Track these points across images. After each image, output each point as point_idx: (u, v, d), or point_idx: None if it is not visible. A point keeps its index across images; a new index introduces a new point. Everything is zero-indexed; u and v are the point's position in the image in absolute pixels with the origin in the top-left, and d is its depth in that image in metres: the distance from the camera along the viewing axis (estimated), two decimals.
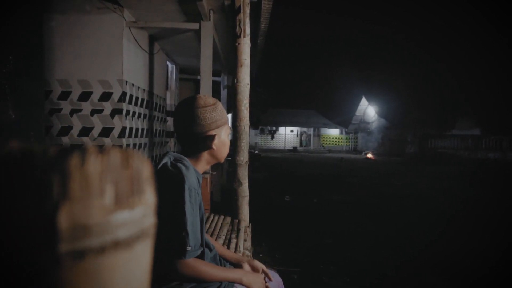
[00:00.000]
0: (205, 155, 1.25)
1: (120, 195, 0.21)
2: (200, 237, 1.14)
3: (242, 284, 1.23)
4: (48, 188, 0.19)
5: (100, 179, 0.20)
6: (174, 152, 1.26)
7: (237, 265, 1.41)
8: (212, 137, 1.22)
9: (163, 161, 1.17)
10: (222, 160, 1.33)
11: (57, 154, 0.19)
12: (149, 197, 0.24)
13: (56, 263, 0.19)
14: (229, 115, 8.42)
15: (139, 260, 0.23)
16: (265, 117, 30.63)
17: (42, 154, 0.19)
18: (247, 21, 3.04)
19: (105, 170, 0.20)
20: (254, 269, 1.37)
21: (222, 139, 1.26)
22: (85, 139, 4.54)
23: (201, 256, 1.17)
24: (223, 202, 5.10)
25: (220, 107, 1.26)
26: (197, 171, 1.23)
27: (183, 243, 1.06)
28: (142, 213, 0.23)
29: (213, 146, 1.23)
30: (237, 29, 2.97)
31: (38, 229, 0.18)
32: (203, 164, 1.27)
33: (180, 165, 1.13)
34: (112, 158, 0.21)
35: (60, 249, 0.19)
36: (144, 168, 0.23)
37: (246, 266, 1.38)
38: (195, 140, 1.22)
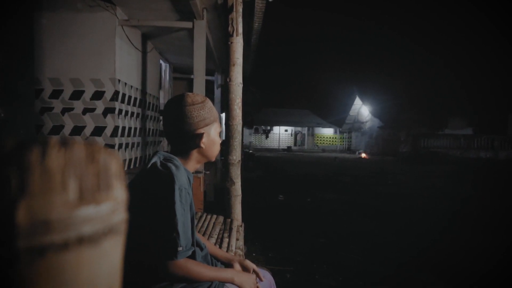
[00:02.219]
0: (195, 154, 1.24)
1: (84, 190, 0.21)
2: (191, 237, 1.14)
3: (234, 284, 1.22)
4: (6, 182, 0.18)
5: (62, 172, 0.20)
6: (164, 151, 1.25)
7: (228, 264, 1.40)
8: (201, 136, 1.20)
9: (153, 161, 1.16)
10: (213, 159, 1.31)
11: (16, 147, 0.18)
12: (118, 193, 0.23)
13: (15, 259, 0.18)
14: (223, 114, 8.41)
15: (107, 257, 0.22)
16: (259, 116, 30.63)
17: None
18: (240, 20, 3.03)
19: (68, 163, 0.20)
20: (245, 269, 1.36)
21: (212, 137, 1.24)
22: (77, 138, 4.50)
23: (192, 256, 1.17)
24: (216, 201, 5.09)
25: (209, 105, 1.25)
26: (187, 170, 1.22)
27: (174, 243, 1.05)
28: (110, 209, 0.22)
29: (202, 145, 1.21)
30: (230, 28, 2.96)
31: None
32: (193, 163, 1.26)
33: (170, 164, 1.12)
34: (76, 151, 0.20)
35: (19, 245, 0.18)
36: (113, 163, 0.23)
37: (237, 266, 1.37)
38: (184, 138, 1.21)
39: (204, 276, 1.15)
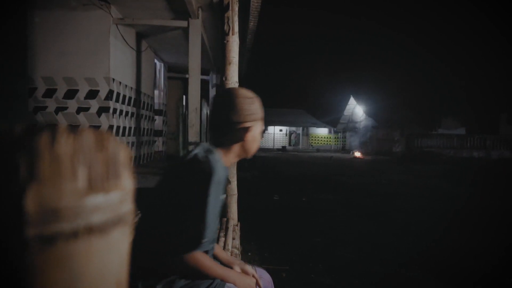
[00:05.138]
0: (236, 148, 1.24)
1: (93, 178, 0.20)
2: (215, 231, 1.14)
3: (236, 286, 1.23)
4: (15, 169, 0.17)
5: (72, 160, 0.19)
6: (205, 143, 1.26)
7: (228, 266, 1.40)
8: (247, 129, 1.21)
9: (195, 152, 1.17)
10: (250, 156, 1.31)
11: (25, 133, 0.18)
12: (126, 182, 0.23)
13: (24, 248, 0.18)
14: None
15: (116, 247, 0.22)
16: None
17: (8, 133, 0.17)
18: (236, 18, 3.02)
19: (78, 151, 0.19)
20: (245, 274, 1.36)
21: (255, 134, 1.25)
22: None
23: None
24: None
25: (259, 102, 1.26)
26: (225, 165, 1.23)
27: (200, 234, 1.06)
28: (119, 198, 0.22)
29: (246, 139, 1.22)
30: (226, 27, 2.96)
31: (4, 211, 0.17)
32: (233, 156, 1.26)
33: (211, 157, 1.14)
34: (85, 139, 0.20)
35: (28, 233, 0.18)
36: (121, 152, 0.22)
37: (238, 269, 1.37)
38: (230, 129, 1.21)
39: (212, 272, 1.15)
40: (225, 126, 1.21)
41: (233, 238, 2.57)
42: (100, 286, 0.21)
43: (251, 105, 1.22)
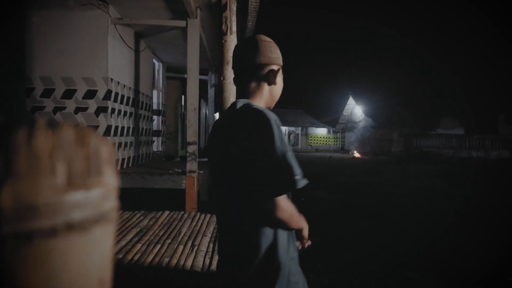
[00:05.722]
0: (265, 92, 1.22)
1: (73, 174, 0.20)
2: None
3: (301, 233, 1.26)
4: None
5: (50, 155, 0.19)
6: (238, 100, 1.23)
7: None
8: (275, 72, 1.20)
9: (238, 106, 1.13)
10: (273, 104, 1.29)
11: (1, 127, 0.17)
12: (109, 179, 0.22)
13: None
14: (217, 114, 8.39)
15: (98, 246, 0.21)
16: None
17: None
18: (234, 18, 3.02)
19: (56, 145, 0.19)
20: None
21: (280, 80, 1.25)
22: None
23: None
24: (210, 201, 5.06)
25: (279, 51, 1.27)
26: None
27: (290, 173, 1.01)
28: (101, 195, 0.21)
29: (274, 81, 1.20)
30: (223, 26, 2.95)
31: None
32: (262, 103, 1.23)
33: (254, 105, 1.12)
34: (65, 134, 0.19)
35: (3, 230, 0.17)
36: (104, 148, 0.22)
37: None
38: (258, 73, 1.19)
39: (296, 222, 1.15)
40: (253, 70, 1.20)
41: None
42: (81, 284, 0.20)
43: (276, 50, 1.22)
